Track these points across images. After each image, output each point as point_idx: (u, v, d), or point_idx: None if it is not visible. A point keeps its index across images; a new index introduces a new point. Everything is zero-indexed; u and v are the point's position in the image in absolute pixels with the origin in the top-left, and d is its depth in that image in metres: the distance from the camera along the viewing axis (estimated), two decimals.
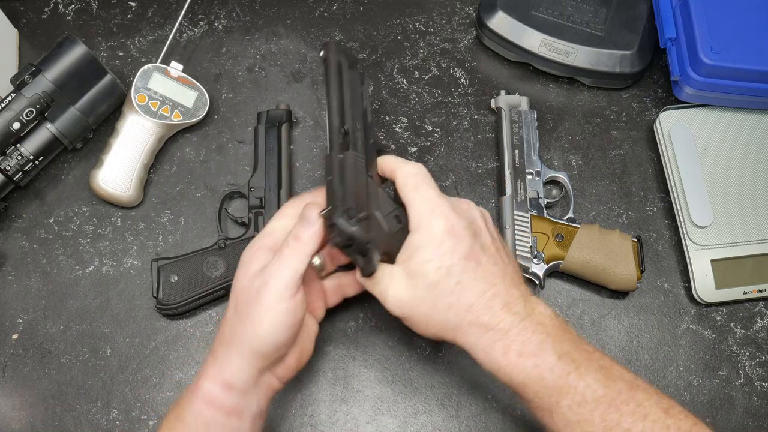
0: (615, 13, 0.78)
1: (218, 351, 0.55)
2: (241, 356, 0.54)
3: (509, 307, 0.53)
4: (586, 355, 0.53)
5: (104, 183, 0.73)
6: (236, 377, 0.54)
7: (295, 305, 0.53)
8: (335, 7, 0.83)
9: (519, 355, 0.52)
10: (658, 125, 0.76)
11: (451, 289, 0.53)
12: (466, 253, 0.53)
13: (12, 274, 0.73)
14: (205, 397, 0.54)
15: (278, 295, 0.52)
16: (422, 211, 0.54)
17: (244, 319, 0.54)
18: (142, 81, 0.74)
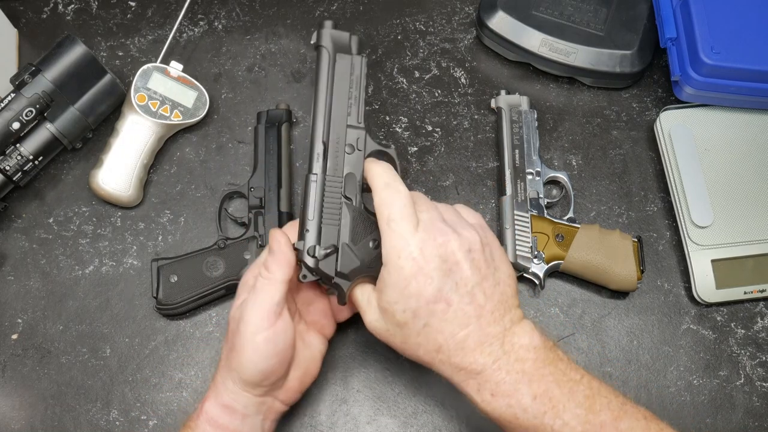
0: (615, 12, 0.78)
1: (217, 377, 0.57)
2: (234, 383, 0.55)
3: (483, 348, 0.52)
4: (568, 388, 0.52)
5: (104, 183, 0.73)
6: (235, 401, 0.55)
7: (275, 333, 0.53)
8: (335, 7, 0.83)
9: (492, 394, 0.52)
10: (658, 125, 0.76)
11: (418, 331, 0.52)
12: (433, 296, 0.51)
13: (12, 274, 0.73)
14: (208, 418, 0.55)
15: (255, 326, 0.53)
16: (391, 248, 0.52)
17: (232, 350, 0.55)
18: (141, 81, 0.74)
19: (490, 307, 0.53)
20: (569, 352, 0.70)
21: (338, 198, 0.58)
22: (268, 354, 0.54)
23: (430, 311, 0.52)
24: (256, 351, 0.53)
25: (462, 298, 0.52)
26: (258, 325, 0.53)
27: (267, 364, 0.54)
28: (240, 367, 0.54)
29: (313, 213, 0.57)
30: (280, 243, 0.56)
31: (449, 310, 0.52)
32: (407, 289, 0.51)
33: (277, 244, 0.56)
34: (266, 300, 0.54)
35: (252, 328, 0.53)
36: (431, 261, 0.52)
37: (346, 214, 0.57)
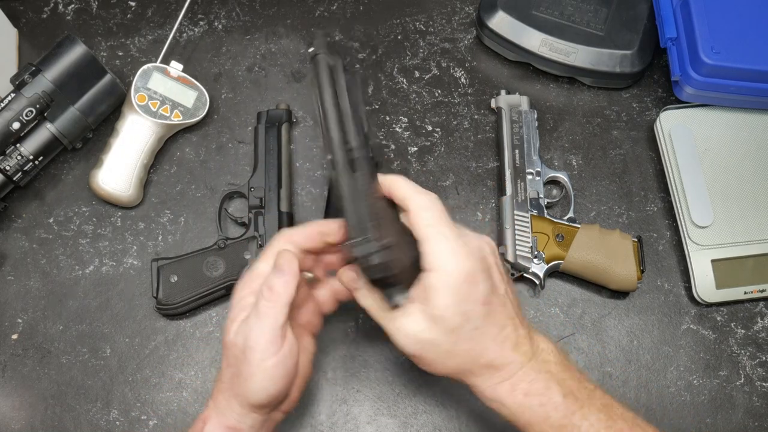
0: (615, 12, 0.78)
1: (219, 399, 0.54)
2: (242, 406, 0.53)
3: (518, 348, 0.53)
4: (587, 393, 0.53)
5: (104, 183, 0.73)
6: (241, 423, 0.54)
7: (283, 356, 0.52)
8: (335, 7, 0.83)
9: (526, 394, 0.52)
10: (658, 125, 0.76)
11: (470, 335, 0.52)
12: (483, 298, 0.51)
13: (12, 274, 0.73)
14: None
15: (263, 352, 0.51)
16: (439, 251, 0.51)
17: (238, 376, 0.53)
18: (141, 81, 0.74)
19: (516, 309, 0.54)
20: (569, 353, 0.70)
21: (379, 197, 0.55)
22: (277, 377, 0.52)
23: (481, 313, 0.51)
24: (267, 377, 0.52)
25: (499, 300, 0.53)
26: (266, 351, 0.51)
27: (277, 387, 0.53)
28: (249, 393, 0.52)
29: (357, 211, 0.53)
30: (290, 263, 0.53)
31: (493, 312, 0.52)
32: (460, 292, 0.51)
33: (287, 263, 0.53)
34: (272, 324, 0.51)
35: (260, 355, 0.51)
36: (478, 263, 0.52)
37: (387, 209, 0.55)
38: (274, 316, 0.51)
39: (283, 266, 0.53)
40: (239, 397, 0.53)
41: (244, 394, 0.52)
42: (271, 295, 0.52)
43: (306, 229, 0.57)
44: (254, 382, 0.51)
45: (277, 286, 0.52)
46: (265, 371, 0.51)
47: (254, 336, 0.51)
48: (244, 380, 0.52)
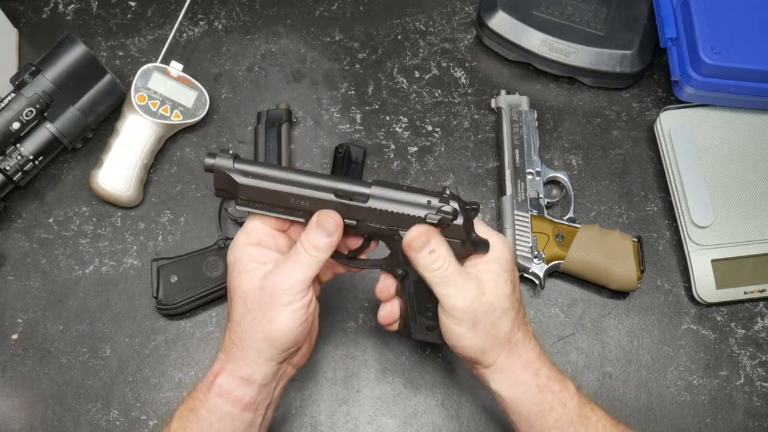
0: (615, 12, 0.78)
1: (233, 351, 0.56)
2: (259, 354, 0.55)
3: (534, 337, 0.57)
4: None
5: (104, 183, 0.73)
6: (255, 373, 0.55)
7: (308, 302, 0.55)
8: (335, 7, 0.83)
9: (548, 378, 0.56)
10: (658, 125, 0.76)
11: (515, 303, 0.56)
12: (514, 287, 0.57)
13: (12, 274, 0.73)
14: (223, 392, 0.55)
15: (293, 296, 0.54)
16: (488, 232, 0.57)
17: (260, 319, 0.54)
18: (141, 81, 0.74)
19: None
20: (569, 353, 0.70)
21: None
22: (301, 321, 0.54)
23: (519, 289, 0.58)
24: (294, 319, 0.54)
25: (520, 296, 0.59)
26: (296, 295, 0.54)
27: (301, 330, 0.55)
28: (273, 335, 0.54)
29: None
30: (337, 226, 0.54)
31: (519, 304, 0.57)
32: (509, 262, 0.57)
33: (332, 224, 0.54)
34: (307, 274, 0.54)
35: (290, 298, 0.54)
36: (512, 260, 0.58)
37: None
38: (310, 268, 0.54)
39: (330, 227, 0.54)
40: (258, 343, 0.54)
41: (268, 339, 0.54)
42: (313, 250, 0.54)
43: None
44: (280, 322, 0.53)
45: (321, 244, 0.54)
46: (292, 313, 0.54)
47: (288, 281, 0.53)
48: (269, 322, 0.54)
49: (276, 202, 0.54)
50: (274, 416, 0.60)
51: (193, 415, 0.55)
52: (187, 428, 0.55)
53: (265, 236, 0.57)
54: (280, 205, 0.54)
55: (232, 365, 0.55)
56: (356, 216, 0.54)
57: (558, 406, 0.55)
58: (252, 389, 0.55)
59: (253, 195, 0.54)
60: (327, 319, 0.71)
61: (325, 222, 0.54)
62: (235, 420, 0.55)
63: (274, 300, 0.54)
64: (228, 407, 0.55)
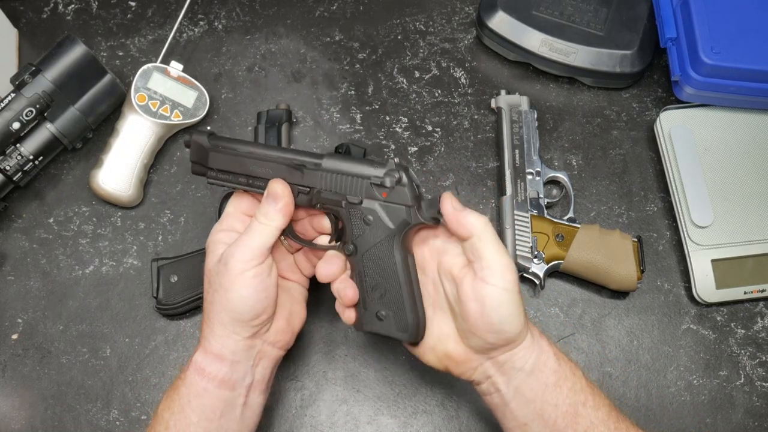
0: (615, 12, 0.78)
1: (204, 328, 0.58)
2: (222, 326, 0.56)
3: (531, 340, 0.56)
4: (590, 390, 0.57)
5: (104, 183, 0.73)
6: (223, 347, 0.56)
7: (262, 270, 0.56)
8: (335, 7, 0.83)
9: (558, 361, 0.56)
10: (658, 125, 0.76)
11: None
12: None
13: (12, 274, 0.73)
14: (196, 368, 0.56)
15: (245, 263, 0.55)
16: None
17: (218, 292, 0.56)
18: (141, 81, 0.74)
19: None
20: (569, 353, 0.70)
21: None
22: (257, 288, 0.55)
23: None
24: (247, 286, 0.55)
25: None
26: (248, 263, 0.55)
27: (257, 298, 0.56)
28: (230, 305, 0.55)
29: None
30: (284, 191, 0.57)
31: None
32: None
33: (282, 190, 0.57)
34: (259, 241, 0.56)
35: (242, 265, 0.55)
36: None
37: None
38: (263, 235, 0.56)
39: (277, 193, 0.57)
40: (219, 314, 0.56)
41: (225, 308, 0.56)
42: (264, 218, 0.56)
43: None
44: (234, 291, 0.55)
45: (270, 211, 0.56)
46: (245, 279, 0.55)
47: (240, 251, 0.55)
48: (225, 292, 0.55)
49: (239, 170, 0.58)
50: (271, 414, 0.60)
51: (175, 393, 0.56)
52: (171, 407, 0.56)
53: (235, 221, 0.59)
54: (243, 173, 0.58)
55: (204, 342, 0.57)
56: (309, 182, 0.57)
57: (570, 375, 0.55)
58: (224, 365, 0.56)
59: (220, 163, 0.58)
60: (327, 319, 0.71)
61: (274, 189, 0.57)
62: (212, 397, 0.56)
63: (227, 269, 0.55)
64: (204, 383, 0.56)
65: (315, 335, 0.70)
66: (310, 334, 0.70)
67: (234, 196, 0.62)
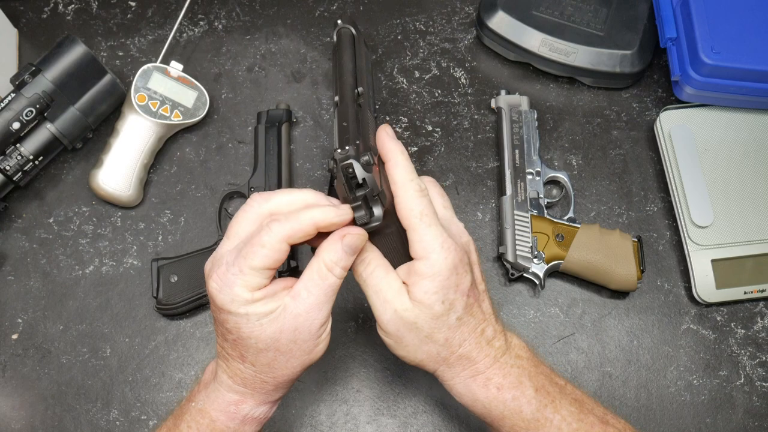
0: (615, 12, 0.78)
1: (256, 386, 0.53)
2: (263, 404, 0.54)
3: (492, 342, 0.53)
4: (559, 388, 0.54)
5: (104, 183, 0.73)
6: (255, 411, 0.54)
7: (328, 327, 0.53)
8: (335, 7, 0.83)
9: (498, 388, 0.53)
10: (658, 125, 0.76)
11: (450, 324, 0.52)
12: (467, 289, 0.52)
13: (12, 274, 0.73)
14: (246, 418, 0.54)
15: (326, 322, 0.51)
16: (430, 240, 0.50)
17: (298, 357, 0.51)
18: (141, 81, 0.74)
19: (492, 307, 0.55)
20: (569, 353, 0.70)
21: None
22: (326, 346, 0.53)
23: (464, 304, 0.52)
24: (327, 342, 0.52)
25: (480, 295, 0.54)
26: (328, 319, 0.51)
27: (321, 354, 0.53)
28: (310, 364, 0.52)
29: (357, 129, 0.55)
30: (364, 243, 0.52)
31: (474, 304, 0.53)
32: (448, 280, 0.51)
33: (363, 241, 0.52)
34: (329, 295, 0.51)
35: (325, 326, 0.51)
36: (464, 256, 0.52)
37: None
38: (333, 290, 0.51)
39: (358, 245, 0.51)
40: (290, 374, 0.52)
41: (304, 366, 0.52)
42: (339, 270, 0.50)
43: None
44: (318, 352, 0.52)
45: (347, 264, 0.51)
46: (327, 338, 0.52)
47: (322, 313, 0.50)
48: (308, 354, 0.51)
49: None
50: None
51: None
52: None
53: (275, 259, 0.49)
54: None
55: (259, 396, 0.53)
56: None
57: (511, 415, 0.52)
58: (267, 407, 0.55)
59: None
60: None
61: (359, 241, 0.51)
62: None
63: (311, 335, 0.50)
64: (248, 428, 0.54)
65: None
66: None
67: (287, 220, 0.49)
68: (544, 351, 0.71)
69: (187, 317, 0.71)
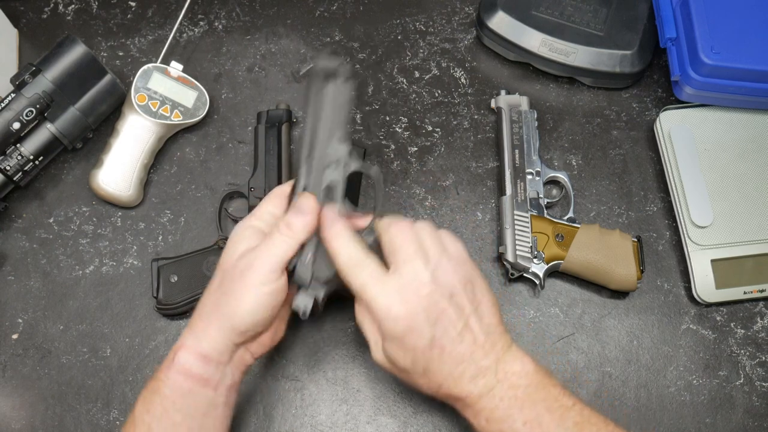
0: (615, 12, 0.78)
1: (197, 323, 0.57)
2: (220, 330, 0.56)
3: (477, 380, 0.54)
4: (558, 414, 0.53)
5: (104, 183, 0.73)
6: (213, 349, 0.56)
7: (277, 288, 0.55)
8: (335, 7, 0.83)
9: (487, 420, 0.54)
10: (658, 125, 0.76)
11: (419, 374, 0.55)
12: (428, 346, 0.53)
13: (12, 274, 0.73)
14: (182, 368, 0.55)
15: (263, 276, 0.54)
16: (378, 310, 0.54)
17: (228, 295, 0.55)
18: (142, 81, 0.74)
19: (481, 341, 0.55)
20: (569, 353, 0.70)
21: None
22: (267, 306, 0.55)
23: (428, 358, 0.54)
24: (259, 302, 0.55)
25: (453, 342, 0.54)
26: (267, 277, 0.54)
27: (264, 315, 0.56)
28: (235, 315, 0.55)
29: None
30: (311, 205, 0.57)
31: (444, 354, 0.54)
32: (403, 343, 0.54)
33: (308, 206, 0.57)
34: (280, 255, 0.55)
35: (261, 278, 0.54)
36: (418, 315, 0.53)
37: None
38: (284, 249, 0.55)
39: (304, 207, 0.56)
40: (221, 319, 0.55)
41: (230, 316, 0.55)
42: (287, 230, 0.56)
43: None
44: (245, 302, 0.55)
45: (296, 224, 0.56)
46: (258, 296, 0.54)
47: (260, 262, 0.54)
48: (234, 301, 0.55)
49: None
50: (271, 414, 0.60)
51: (155, 395, 0.56)
52: (151, 410, 0.55)
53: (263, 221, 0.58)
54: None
55: (192, 340, 0.56)
56: None
57: None
58: (209, 367, 0.56)
59: None
60: (327, 319, 0.71)
61: (301, 202, 0.57)
62: (196, 397, 0.56)
63: (244, 278, 0.55)
64: (188, 384, 0.55)
65: (315, 335, 0.71)
66: (310, 334, 0.71)
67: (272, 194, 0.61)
68: (543, 351, 0.71)
69: (187, 317, 0.71)
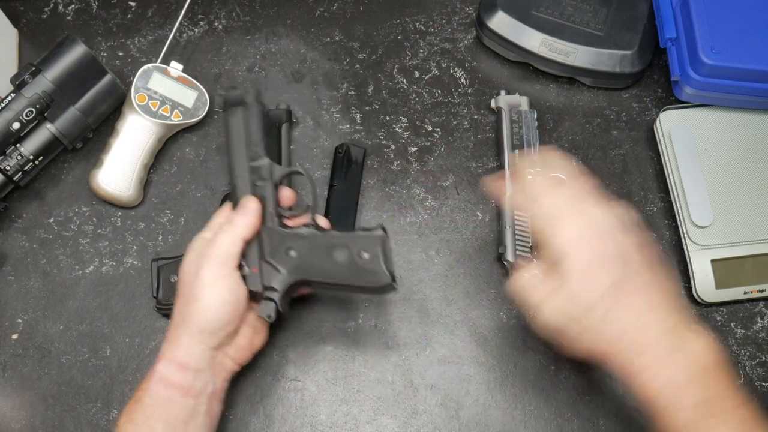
0: (615, 12, 0.78)
1: (171, 334, 0.58)
2: (190, 336, 0.57)
3: (660, 339, 0.52)
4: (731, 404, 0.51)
5: (104, 183, 0.73)
6: (188, 356, 0.57)
7: (233, 282, 0.58)
8: (335, 7, 0.83)
9: (659, 392, 0.51)
10: (658, 125, 0.76)
11: (598, 320, 0.53)
12: (615, 283, 0.52)
13: (12, 274, 0.73)
14: (160, 377, 0.56)
15: (215, 272, 0.57)
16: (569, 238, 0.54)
17: (189, 301, 0.57)
18: (142, 81, 0.74)
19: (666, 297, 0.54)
20: None
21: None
22: (226, 300, 0.57)
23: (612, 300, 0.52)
24: (216, 297, 0.57)
25: (635, 286, 0.53)
26: (217, 273, 0.57)
27: (225, 310, 0.57)
28: (199, 314, 0.56)
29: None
30: (252, 205, 0.60)
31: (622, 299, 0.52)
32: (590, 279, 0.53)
33: (251, 206, 0.60)
34: (225, 250, 0.58)
35: (212, 275, 0.57)
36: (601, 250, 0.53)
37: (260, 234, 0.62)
38: (228, 243, 0.58)
39: (247, 207, 0.60)
40: (188, 324, 0.57)
41: (195, 316, 0.56)
42: (229, 226, 0.59)
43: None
44: (203, 301, 0.56)
45: (237, 219, 0.59)
46: (216, 291, 0.57)
47: (208, 261, 0.57)
48: (195, 301, 0.56)
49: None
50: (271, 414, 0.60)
51: (137, 405, 0.57)
52: (134, 419, 0.56)
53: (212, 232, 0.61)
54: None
55: (169, 351, 0.57)
56: None
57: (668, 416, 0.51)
58: (188, 374, 0.56)
59: None
60: (327, 319, 0.71)
61: (244, 202, 0.60)
62: (176, 406, 0.56)
63: (198, 277, 0.57)
64: (168, 393, 0.56)
65: (315, 335, 0.71)
66: (310, 334, 0.71)
67: (222, 209, 0.64)
68: None
69: None
